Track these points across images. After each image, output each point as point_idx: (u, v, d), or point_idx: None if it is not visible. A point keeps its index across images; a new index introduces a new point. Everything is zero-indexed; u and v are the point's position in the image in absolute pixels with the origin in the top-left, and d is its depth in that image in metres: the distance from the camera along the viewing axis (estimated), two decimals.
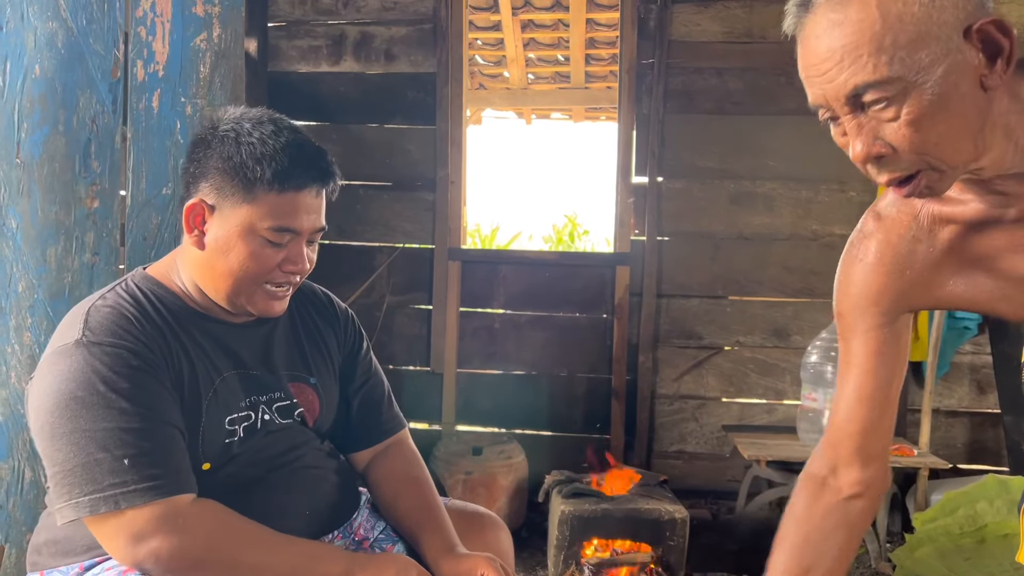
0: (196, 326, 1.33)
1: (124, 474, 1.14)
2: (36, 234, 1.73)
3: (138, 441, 1.16)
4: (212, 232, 1.29)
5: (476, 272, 3.73)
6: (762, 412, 3.63)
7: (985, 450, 3.51)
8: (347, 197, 3.70)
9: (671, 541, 2.53)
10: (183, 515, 1.17)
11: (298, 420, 1.42)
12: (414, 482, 1.52)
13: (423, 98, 3.69)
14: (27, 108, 1.71)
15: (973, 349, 3.49)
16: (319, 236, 1.37)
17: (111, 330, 1.23)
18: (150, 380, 1.21)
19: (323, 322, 1.53)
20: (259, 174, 1.25)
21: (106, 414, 1.16)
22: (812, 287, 3.57)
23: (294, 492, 1.37)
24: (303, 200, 1.28)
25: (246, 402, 1.35)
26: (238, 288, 1.31)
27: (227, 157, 1.26)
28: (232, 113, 1.32)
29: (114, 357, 1.20)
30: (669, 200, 3.62)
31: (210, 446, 1.29)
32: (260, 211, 1.26)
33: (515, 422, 3.71)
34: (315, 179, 1.30)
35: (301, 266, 1.33)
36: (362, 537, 1.49)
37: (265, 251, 1.28)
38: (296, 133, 1.31)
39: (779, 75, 3.54)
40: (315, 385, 1.46)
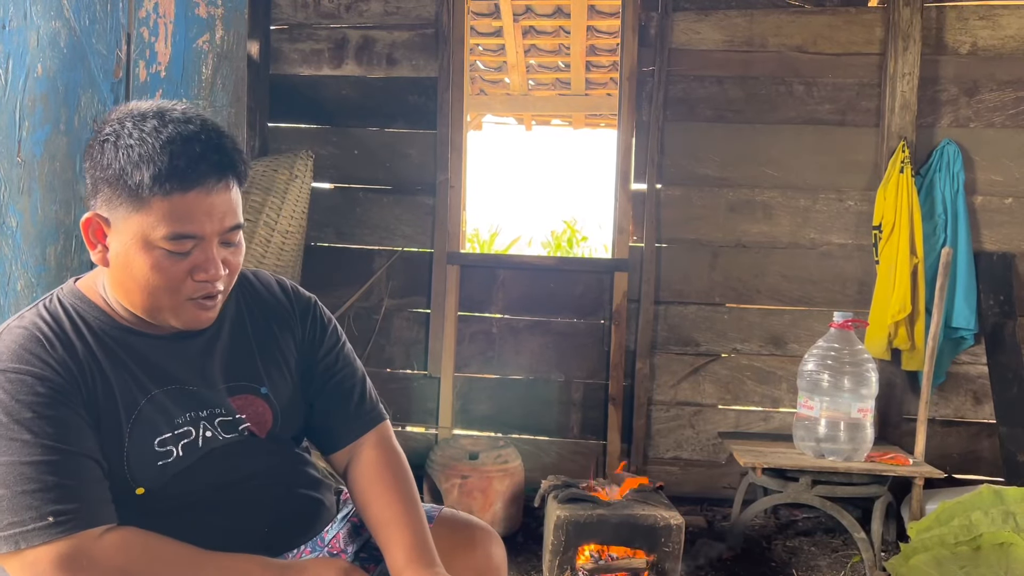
0: (120, 344, 1.24)
1: (24, 512, 1.07)
2: (36, 233, 1.73)
3: (40, 475, 1.09)
4: (113, 247, 1.18)
5: (475, 276, 3.73)
6: (758, 420, 3.63)
7: (980, 460, 3.51)
8: (347, 200, 3.72)
9: (666, 547, 2.53)
10: (88, 551, 1.09)
11: (244, 434, 1.31)
12: (384, 487, 1.35)
13: (424, 102, 3.70)
14: (29, 107, 1.71)
15: (970, 359, 3.50)
16: (236, 235, 1.23)
17: (18, 355, 1.14)
18: (58, 408, 1.13)
19: (277, 321, 1.40)
20: (139, 179, 1.12)
21: (7, 447, 1.09)
22: (810, 296, 3.58)
23: (248, 508, 1.29)
24: (197, 200, 1.15)
25: (183, 418, 1.25)
26: (155, 304, 1.20)
27: (107, 165, 1.15)
28: (119, 112, 1.20)
29: (18, 384, 1.12)
30: (668, 207, 3.63)
31: (138, 469, 1.20)
32: (150, 219, 1.14)
33: (512, 427, 3.71)
34: (206, 174, 1.15)
35: (213, 273, 1.19)
36: (338, 551, 1.41)
37: (167, 262, 1.17)
38: (186, 124, 1.16)
39: (779, 84, 3.56)
40: (266, 395, 1.34)
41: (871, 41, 3.51)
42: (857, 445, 2.89)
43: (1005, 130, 3.47)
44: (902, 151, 3.34)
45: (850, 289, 3.56)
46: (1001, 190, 3.48)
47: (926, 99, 3.45)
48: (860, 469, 2.86)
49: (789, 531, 3.33)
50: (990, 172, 3.47)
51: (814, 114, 3.56)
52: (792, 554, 3.09)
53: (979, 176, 3.47)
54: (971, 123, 3.48)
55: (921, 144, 3.44)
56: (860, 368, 2.90)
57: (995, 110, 3.47)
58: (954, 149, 3.41)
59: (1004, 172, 3.47)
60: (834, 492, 2.90)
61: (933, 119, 3.48)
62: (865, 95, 3.52)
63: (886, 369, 3.38)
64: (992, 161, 3.47)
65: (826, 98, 3.55)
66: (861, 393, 2.89)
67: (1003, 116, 3.47)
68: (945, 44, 3.48)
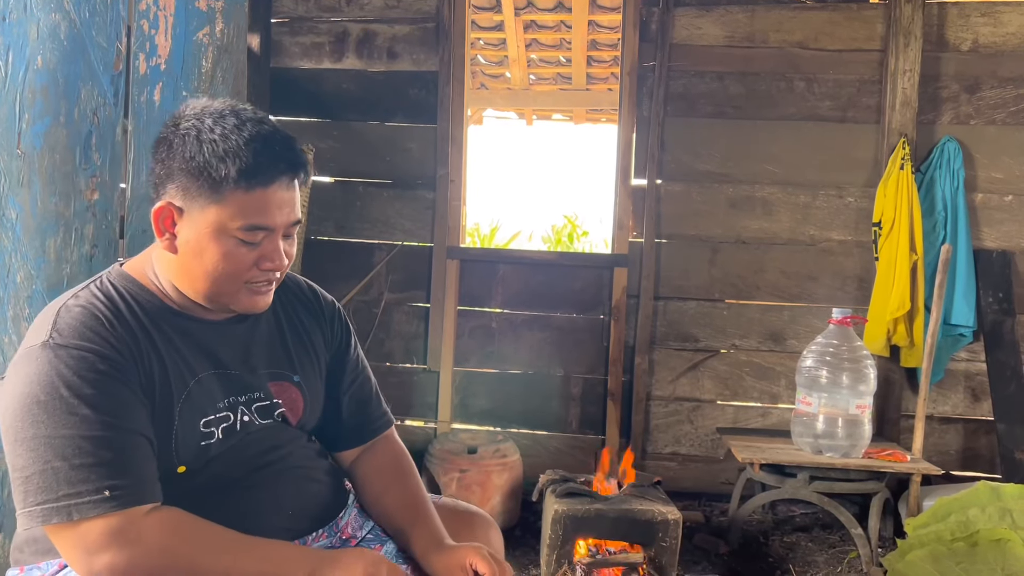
0: (172, 326, 1.29)
1: (79, 484, 1.11)
2: (36, 225, 1.73)
3: (97, 450, 1.13)
4: (183, 235, 1.24)
5: (475, 271, 3.73)
6: (756, 415, 3.64)
7: (978, 457, 3.52)
8: (347, 194, 3.72)
9: (663, 542, 2.53)
10: (137, 527, 1.13)
11: (279, 420, 1.38)
12: (401, 478, 1.50)
13: (425, 96, 3.70)
14: (29, 99, 1.71)
15: (968, 356, 3.51)
16: (295, 229, 1.32)
17: (79, 332, 1.19)
18: (116, 385, 1.18)
19: (309, 318, 1.48)
20: (224, 173, 1.19)
21: (67, 420, 1.13)
22: (809, 292, 3.59)
23: (276, 491, 1.35)
24: (273, 195, 1.23)
25: (224, 403, 1.31)
26: (218, 289, 1.27)
27: (190, 157, 1.21)
28: (193, 108, 1.26)
29: (80, 361, 1.16)
30: (668, 203, 3.63)
31: (184, 449, 1.25)
32: (229, 211, 1.21)
33: (511, 421, 3.72)
34: (283, 172, 1.24)
35: (278, 263, 1.28)
36: (349, 536, 1.47)
37: (239, 251, 1.24)
38: (261, 124, 1.25)
39: (779, 80, 3.56)
40: (299, 383, 1.42)
41: (872, 37, 3.51)
42: (855, 441, 2.89)
43: (1006, 127, 3.47)
44: (902, 148, 3.34)
45: (849, 286, 3.56)
46: (1001, 187, 3.48)
47: (927, 96, 3.45)
48: (858, 465, 2.87)
49: (786, 527, 3.34)
50: (990, 169, 3.47)
51: (815, 110, 3.55)
52: (789, 550, 3.09)
53: (979, 173, 3.47)
54: (972, 120, 3.48)
55: (922, 141, 3.44)
56: (859, 365, 2.91)
57: (996, 107, 3.47)
58: (954, 146, 3.41)
59: (1004, 169, 3.47)
60: (832, 488, 2.91)
61: (934, 116, 3.48)
62: (866, 92, 3.52)
63: (884, 366, 3.38)
64: (992, 158, 3.47)
65: (827, 94, 3.54)
66: (859, 390, 2.89)
67: (1004, 113, 3.46)
68: (946, 41, 3.48)
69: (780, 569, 2.90)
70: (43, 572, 1.24)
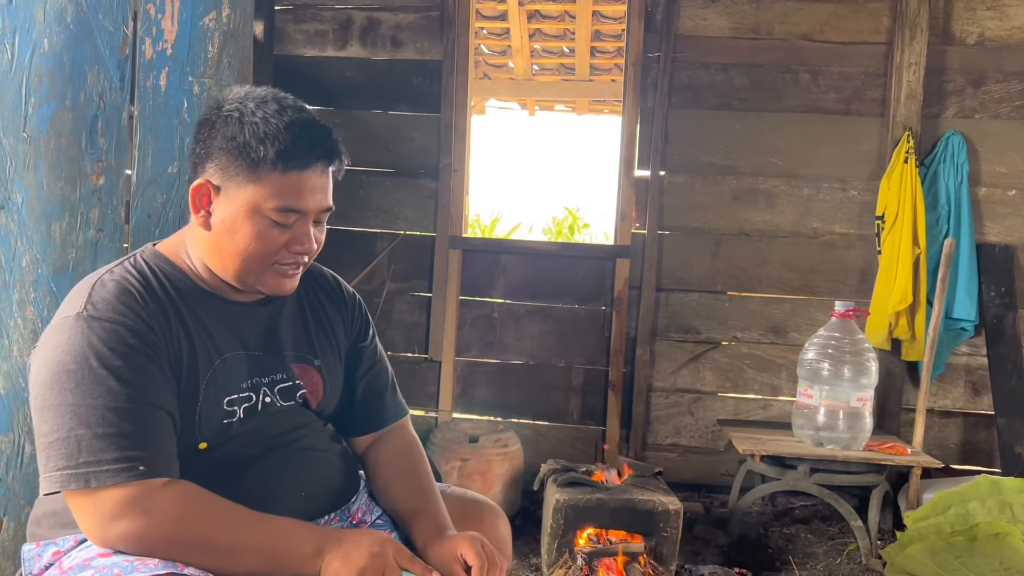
0: (201, 305, 1.32)
1: (100, 453, 1.14)
2: (41, 209, 1.73)
3: (121, 421, 1.16)
4: (218, 213, 1.28)
5: (477, 261, 3.73)
6: (757, 408, 3.65)
7: (978, 451, 3.53)
8: (350, 183, 3.70)
9: (664, 532, 2.54)
10: (153, 498, 1.15)
11: (300, 402, 1.41)
12: (411, 468, 1.52)
13: (428, 86, 3.69)
14: (35, 83, 1.71)
15: (969, 350, 3.51)
16: (327, 216, 1.35)
17: (113, 306, 1.22)
18: (145, 360, 1.20)
19: (331, 305, 1.52)
20: (263, 154, 1.24)
21: (94, 390, 1.16)
22: (811, 285, 3.59)
23: (292, 472, 1.37)
24: (308, 180, 1.27)
25: (248, 383, 1.34)
26: (247, 268, 1.30)
27: (231, 137, 1.26)
28: (237, 93, 1.31)
29: (112, 333, 1.19)
30: (671, 194, 3.62)
31: (207, 426, 1.28)
32: (265, 191, 1.25)
33: (512, 411, 3.72)
34: (320, 158, 1.28)
35: (308, 246, 1.31)
36: (359, 520, 1.49)
37: (271, 232, 1.28)
38: (301, 112, 1.29)
39: (784, 72, 3.55)
40: (319, 367, 1.45)
41: (878, 30, 3.50)
42: (856, 434, 2.90)
43: (1011, 122, 3.46)
44: (907, 141, 3.33)
45: (852, 279, 3.56)
46: (1005, 182, 3.48)
47: (932, 89, 3.44)
48: (858, 458, 2.88)
49: (786, 519, 3.35)
50: (994, 164, 3.47)
51: (819, 103, 3.55)
52: (789, 541, 3.10)
53: (983, 167, 3.47)
54: (976, 114, 3.47)
55: (926, 134, 3.44)
56: (860, 357, 2.91)
57: (1001, 101, 3.46)
58: (959, 140, 3.40)
59: (1008, 164, 3.47)
60: (832, 480, 2.92)
61: (938, 109, 3.47)
62: (871, 84, 3.51)
63: (886, 359, 3.38)
64: (997, 153, 3.47)
65: (832, 87, 3.54)
66: (861, 382, 2.90)
67: (1009, 108, 3.46)
68: (952, 34, 3.47)
69: (779, 560, 2.91)
70: (59, 547, 1.25)
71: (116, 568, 1.12)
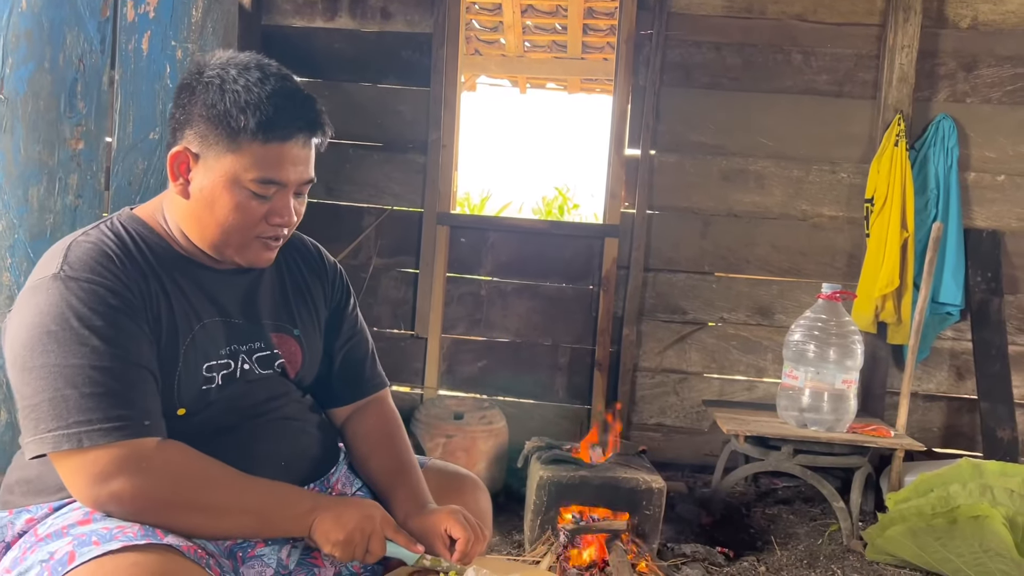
0: (179, 270, 1.30)
1: (90, 412, 1.12)
2: (18, 173, 1.69)
3: (107, 380, 1.14)
4: (196, 181, 1.25)
5: (464, 238, 3.71)
6: (742, 389, 3.65)
7: (960, 435, 3.55)
8: (337, 156, 3.67)
9: (647, 510, 2.55)
10: (147, 457, 1.15)
11: (278, 371, 1.39)
12: (389, 440, 1.50)
13: (418, 59, 3.64)
14: (12, 43, 1.66)
15: (954, 335, 3.52)
16: (307, 188, 1.33)
17: (90, 266, 1.20)
18: (126, 320, 1.19)
19: (311, 274, 1.49)
20: (243, 124, 1.20)
21: (77, 351, 1.14)
22: (799, 267, 3.58)
23: (271, 441, 1.35)
24: (289, 151, 1.24)
25: (226, 350, 1.32)
26: (225, 240, 1.28)
27: (211, 105, 1.22)
28: (219, 58, 1.27)
29: (90, 293, 1.17)
30: (661, 174, 3.60)
31: (186, 391, 1.26)
32: (244, 162, 1.22)
33: (497, 389, 3.71)
34: (302, 129, 1.25)
35: (288, 219, 1.29)
36: (339, 492, 1.48)
37: (250, 203, 1.25)
38: (284, 80, 1.26)
39: (777, 52, 3.52)
40: (298, 337, 1.43)
41: (871, 12, 3.47)
42: (840, 416, 2.91)
43: (1001, 106, 3.45)
44: (898, 124, 3.32)
45: (839, 262, 3.56)
46: (994, 167, 3.47)
47: (924, 72, 3.43)
48: (842, 440, 2.88)
49: (768, 499, 3.36)
50: (984, 148, 3.46)
51: (811, 84, 3.53)
52: (771, 521, 3.12)
53: (973, 152, 3.46)
54: (968, 98, 3.46)
55: (917, 118, 3.43)
56: (846, 340, 2.91)
57: (992, 86, 3.45)
58: (949, 124, 3.39)
59: (998, 149, 3.46)
60: (815, 462, 2.93)
61: (930, 93, 3.46)
62: (863, 66, 3.49)
63: (871, 342, 3.39)
64: (987, 137, 3.46)
65: (824, 68, 3.51)
66: (846, 364, 2.90)
67: (1000, 92, 3.45)
68: (946, 17, 3.45)
69: (761, 540, 2.92)
70: (33, 514, 1.23)
71: (94, 536, 1.10)
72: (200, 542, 1.17)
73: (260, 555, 1.28)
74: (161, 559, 1.07)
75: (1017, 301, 3.49)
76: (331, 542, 1.23)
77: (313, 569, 1.35)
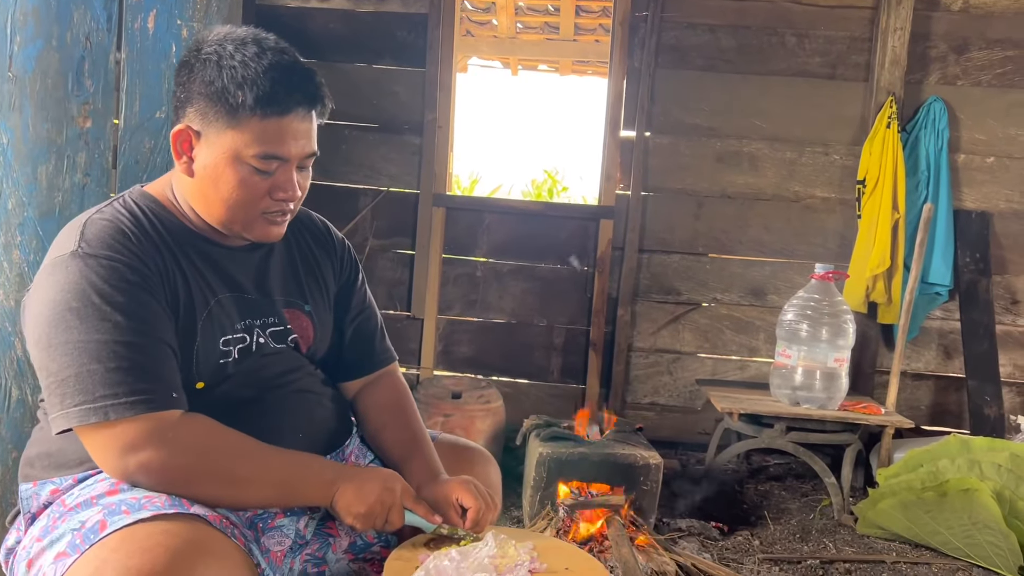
0: (192, 246, 1.31)
1: (116, 386, 1.14)
2: (27, 151, 1.70)
3: (131, 355, 1.16)
4: (200, 159, 1.26)
5: (460, 219, 3.73)
6: (735, 368, 3.70)
7: (948, 412, 3.61)
8: (332, 137, 3.67)
9: (644, 486, 2.59)
10: (173, 429, 1.17)
11: (292, 345, 1.41)
12: (401, 412, 1.53)
13: (413, 39, 3.64)
14: (20, 21, 1.67)
15: (943, 315, 3.58)
16: (311, 161, 1.33)
17: (107, 243, 1.21)
18: (145, 296, 1.20)
19: (320, 250, 1.51)
20: (241, 99, 1.21)
21: (100, 326, 1.15)
22: (791, 248, 3.63)
23: (288, 413, 1.38)
24: (289, 125, 1.24)
25: (241, 324, 1.34)
26: (232, 216, 1.29)
27: (209, 82, 1.23)
28: (217, 33, 1.27)
29: (110, 270, 1.18)
30: (655, 156, 3.63)
31: (204, 365, 1.28)
32: (245, 138, 1.23)
33: (493, 369, 3.74)
34: (300, 102, 1.25)
35: (292, 193, 1.29)
36: (353, 464, 1.50)
37: (253, 179, 1.25)
38: (282, 54, 1.26)
39: (771, 35, 3.55)
40: (310, 312, 1.45)
41: None
42: (832, 394, 2.96)
43: (992, 89, 3.50)
44: (890, 106, 3.36)
45: (831, 243, 3.61)
46: (984, 149, 3.52)
47: (916, 55, 3.46)
48: (834, 417, 2.94)
49: (760, 476, 3.42)
50: (974, 131, 3.51)
51: (805, 66, 3.55)
52: (763, 497, 3.18)
53: (963, 134, 3.51)
54: (959, 81, 3.50)
55: (908, 100, 3.46)
56: (839, 319, 2.96)
57: (983, 69, 3.49)
58: (940, 106, 3.43)
59: (988, 131, 3.51)
60: (807, 439, 2.98)
61: (922, 75, 3.50)
62: (856, 49, 3.52)
63: (861, 322, 3.44)
64: (977, 120, 3.50)
65: (817, 51, 3.54)
66: (838, 343, 2.95)
67: (990, 75, 3.49)
68: (937, 0, 3.48)
69: (755, 515, 2.98)
70: (57, 486, 1.26)
71: (124, 505, 1.12)
72: (224, 512, 1.20)
73: (280, 526, 1.31)
74: (190, 527, 1.10)
75: (1005, 281, 3.55)
76: (352, 514, 1.25)
77: (328, 539, 1.39)
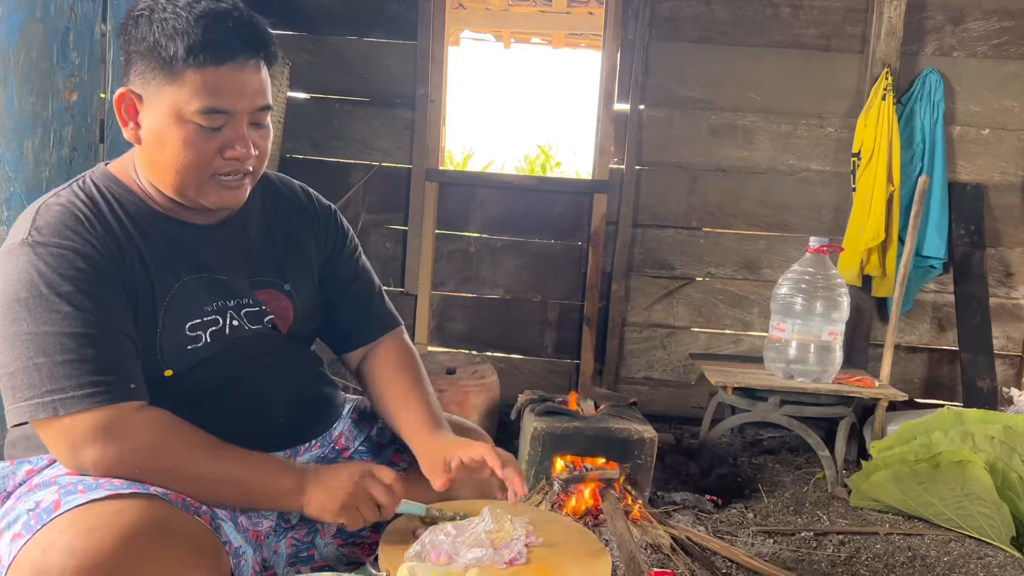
0: (155, 228, 1.25)
1: (64, 380, 1.11)
2: (12, 125, 1.67)
3: (80, 347, 1.12)
4: (145, 123, 1.20)
5: (454, 194, 3.70)
6: (728, 343, 3.70)
7: (941, 385, 3.63)
8: (323, 111, 3.63)
9: (639, 460, 2.60)
10: (124, 423, 1.13)
11: (269, 326, 1.35)
12: (401, 370, 1.47)
13: (404, 12, 3.60)
14: None
15: (936, 288, 3.58)
16: (264, 117, 1.25)
17: (58, 230, 1.16)
18: (97, 284, 1.16)
19: (301, 224, 1.43)
20: (173, 51, 1.14)
21: (48, 317, 1.12)
22: (786, 222, 3.62)
23: (267, 398, 1.34)
24: (228, 75, 1.16)
25: (212, 307, 1.28)
26: (183, 181, 1.21)
27: (141, 38, 1.16)
28: None
29: (59, 258, 1.14)
30: (650, 129, 3.60)
31: (170, 352, 1.23)
32: (184, 93, 1.15)
33: (487, 345, 3.74)
34: (239, 50, 1.17)
35: (242, 151, 1.21)
36: (343, 447, 1.47)
37: (199, 137, 1.18)
38: (216, 1, 1.18)
39: (766, 6, 3.51)
40: (289, 292, 1.38)
41: None
42: (826, 367, 2.96)
43: (988, 60, 3.47)
44: (885, 78, 3.33)
45: (826, 216, 3.60)
46: (979, 121, 3.50)
47: (912, 26, 3.43)
48: (828, 390, 2.94)
49: (755, 449, 3.44)
50: (969, 102, 3.49)
51: (800, 38, 3.52)
52: (757, 471, 3.19)
53: (958, 106, 3.49)
54: (955, 52, 3.48)
55: (904, 72, 3.44)
56: (833, 292, 2.95)
57: (979, 40, 3.47)
58: (936, 78, 3.41)
59: (983, 103, 3.49)
60: (801, 412, 2.99)
61: (917, 47, 3.47)
62: (851, 20, 3.49)
63: (855, 295, 3.44)
64: (972, 91, 3.48)
65: (812, 22, 3.51)
66: (832, 317, 2.95)
67: (986, 46, 3.47)
68: None
69: (749, 489, 2.99)
70: (33, 465, 1.24)
71: (81, 485, 1.10)
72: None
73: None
74: (143, 505, 1.07)
75: (999, 254, 3.55)
76: (331, 513, 1.22)
77: (316, 524, 1.36)
